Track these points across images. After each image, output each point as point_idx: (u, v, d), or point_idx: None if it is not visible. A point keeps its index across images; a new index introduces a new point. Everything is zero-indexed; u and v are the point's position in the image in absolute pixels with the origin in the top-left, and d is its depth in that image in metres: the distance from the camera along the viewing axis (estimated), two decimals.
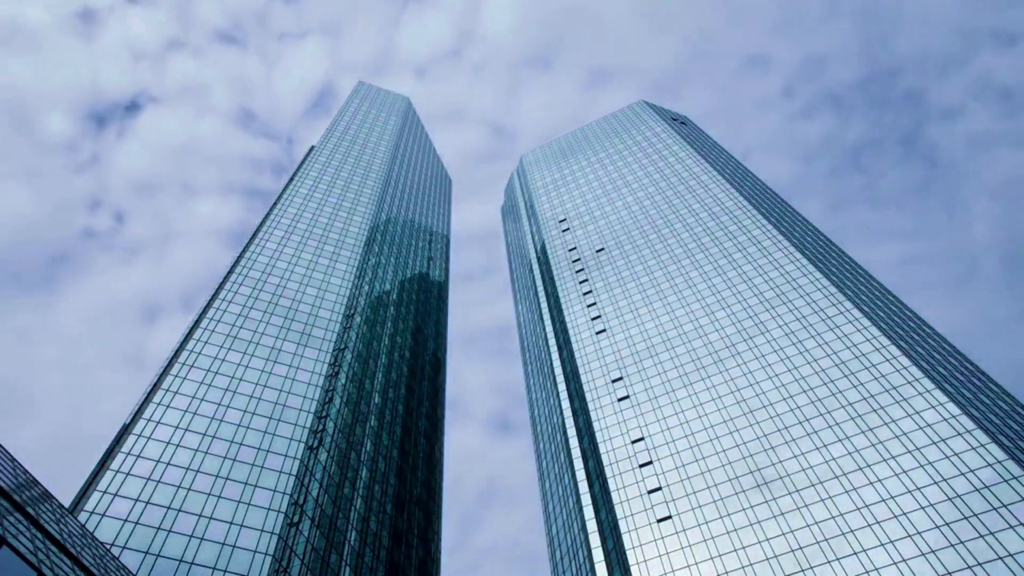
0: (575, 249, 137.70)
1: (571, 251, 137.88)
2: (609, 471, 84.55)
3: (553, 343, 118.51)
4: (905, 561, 60.97)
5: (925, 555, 60.66)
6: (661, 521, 75.46)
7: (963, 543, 60.09)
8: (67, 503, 63.39)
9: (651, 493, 79.23)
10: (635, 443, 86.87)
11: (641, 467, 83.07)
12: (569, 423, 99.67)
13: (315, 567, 65.74)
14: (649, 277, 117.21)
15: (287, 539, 64.06)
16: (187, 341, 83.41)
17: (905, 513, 64.72)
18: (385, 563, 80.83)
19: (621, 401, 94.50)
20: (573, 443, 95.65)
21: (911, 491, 66.30)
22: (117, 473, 63.11)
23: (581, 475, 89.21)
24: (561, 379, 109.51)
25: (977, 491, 63.44)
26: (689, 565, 69.81)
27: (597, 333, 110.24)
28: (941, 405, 72.75)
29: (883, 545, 63.05)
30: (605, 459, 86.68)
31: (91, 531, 52.46)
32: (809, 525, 67.98)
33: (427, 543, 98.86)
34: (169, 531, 59.68)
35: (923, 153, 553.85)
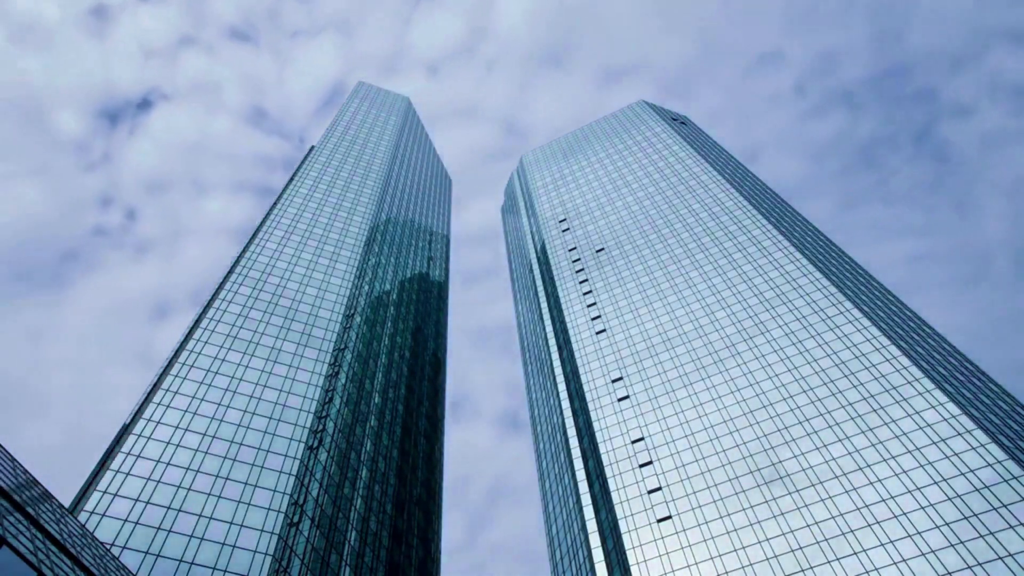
0: (575, 249, 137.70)
1: (571, 251, 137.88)
2: (609, 471, 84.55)
3: (553, 343, 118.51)
4: (905, 561, 60.97)
5: (925, 555, 60.66)
6: (661, 521, 75.46)
7: (963, 543, 60.09)
8: (67, 503, 63.40)
9: (651, 493, 79.23)
10: (635, 443, 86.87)
11: (641, 467, 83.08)
12: (569, 423, 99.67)
13: (315, 567, 65.74)
14: (649, 277, 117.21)
15: (287, 539, 64.06)
16: (187, 341, 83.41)
17: (905, 513, 64.72)
18: (385, 563, 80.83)
19: (621, 401, 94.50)
20: (573, 443, 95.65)
21: (911, 491, 66.31)
22: (117, 473, 63.11)
23: (581, 475, 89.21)
24: (561, 379, 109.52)
25: (977, 491, 63.44)
26: (689, 565, 69.81)
27: (597, 333, 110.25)
28: (941, 405, 72.75)
29: (883, 545, 63.05)
30: (605, 459, 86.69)
31: (91, 531, 52.47)
32: (809, 525, 67.99)
33: (427, 543, 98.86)
34: (169, 531, 59.68)
35: (935, 151, 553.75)
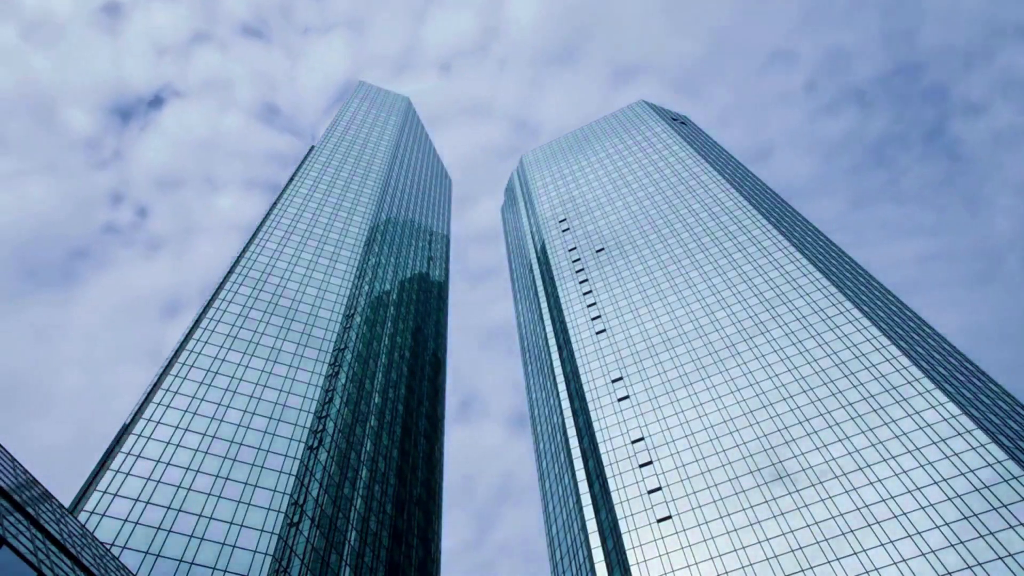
0: (575, 249, 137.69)
1: (571, 251, 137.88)
2: (609, 471, 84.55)
3: (553, 343, 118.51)
4: (905, 561, 60.97)
5: (925, 555, 60.66)
6: (661, 521, 75.46)
7: (963, 543, 60.09)
8: (67, 503, 63.40)
9: (651, 493, 79.23)
10: (635, 443, 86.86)
11: (641, 467, 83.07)
12: (569, 423, 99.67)
13: (315, 567, 65.74)
14: (649, 277, 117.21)
15: (287, 539, 64.07)
16: (187, 341, 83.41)
17: (905, 513, 64.72)
18: (385, 563, 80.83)
19: (621, 401, 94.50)
20: (573, 443, 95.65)
21: (911, 491, 66.31)
22: (117, 473, 63.11)
23: (581, 475, 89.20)
24: (561, 379, 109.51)
25: (977, 491, 63.44)
26: (689, 565, 69.81)
27: (597, 333, 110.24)
28: (941, 405, 72.75)
29: (883, 545, 63.05)
30: (605, 459, 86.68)
31: (91, 531, 52.47)
32: (809, 525, 67.99)
33: (427, 543, 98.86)
34: (169, 531, 59.68)
35: (946, 149, 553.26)
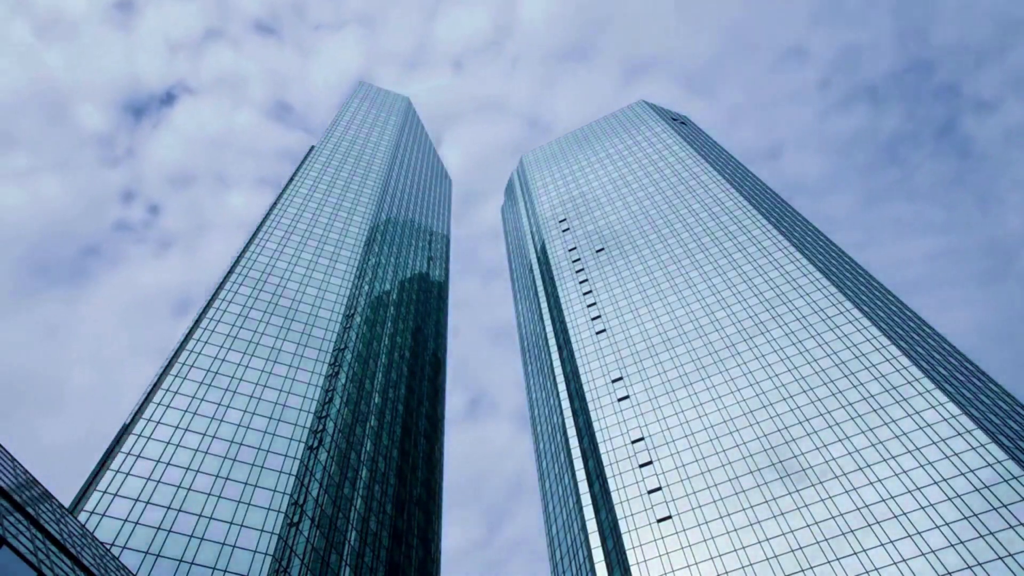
0: (575, 249, 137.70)
1: (571, 251, 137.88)
2: (609, 471, 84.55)
3: (553, 343, 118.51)
4: (905, 561, 60.97)
5: (925, 555, 60.67)
6: (661, 521, 75.46)
7: (963, 543, 60.09)
8: (67, 503, 63.40)
9: (651, 493, 79.23)
10: (635, 443, 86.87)
11: (641, 467, 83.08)
12: (569, 423, 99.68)
13: (315, 567, 65.75)
14: (649, 277, 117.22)
15: (287, 539, 64.07)
16: (187, 341, 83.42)
17: (905, 513, 64.72)
18: (385, 563, 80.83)
19: (621, 401, 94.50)
20: (573, 443, 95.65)
21: (911, 491, 66.31)
22: (117, 473, 63.11)
23: (581, 475, 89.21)
24: (561, 379, 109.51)
25: (977, 491, 63.44)
26: (689, 565, 69.81)
27: (597, 333, 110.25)
28: (941, 405, 72.75)
29: (883, 545, 63.05)
30: (605, 459, 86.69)
31: (91, 531, 52.46)
32: (809, 525, 67.99)
33: (427, 543, 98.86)
34: (169, 531, 59.68)
35: (958, 146, 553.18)
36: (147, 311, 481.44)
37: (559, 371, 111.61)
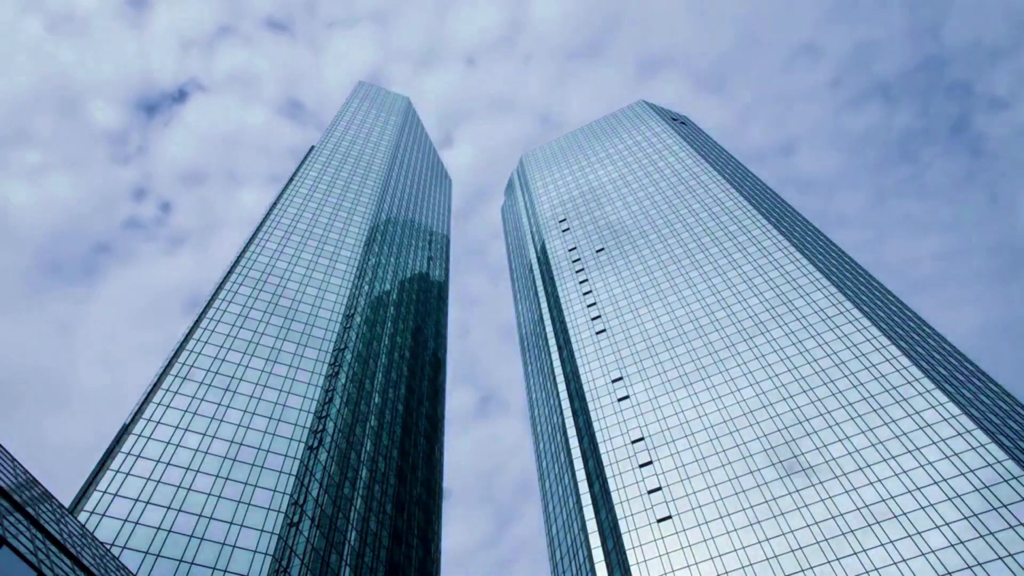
0: (575, 249, 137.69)
1: (571, 251, 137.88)
2: (609, 471, 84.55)
3: (553, 343, 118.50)
4: (905, 561, 60.97)
5: (925, 555, 60.67)
6: (661, 521, 75.46)
7: (963, 543, 60.09)
8: (67, 503, 63.40)
9: (651, 493, 79.23)
10: (635, 443, 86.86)
11: (641, 467, 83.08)
12: (569, 423, 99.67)
13: (315, 567, 65.75)
14: (649, 277, 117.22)
15: (287, 539, 64.07)
16: (187, 341, 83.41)
17: (905, 513, 64.72)
18: (385, 563, 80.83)
19: (621, 401, 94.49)
20: (573, 443, 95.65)
21: (911, 491, 66.31)
22: (117, 473, 63.11)
23: (581, 475, 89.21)
24: (561, 379, 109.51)
25: (977, 491, 63.44)
26: (689, 565, 69.81)
27: (597, 333, 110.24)
28: (941, 405, 72.75)
29: (883, 545, 63.05)
30: (605, 459, 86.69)
31: (91, 531, 52.47)
32: (809, 525, 67.99)
33: (427, 543, 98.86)
34: (169, 531, 59.69)
35: (969, 144, 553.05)
36: (158, 309, 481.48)
37: (559, 371, 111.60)
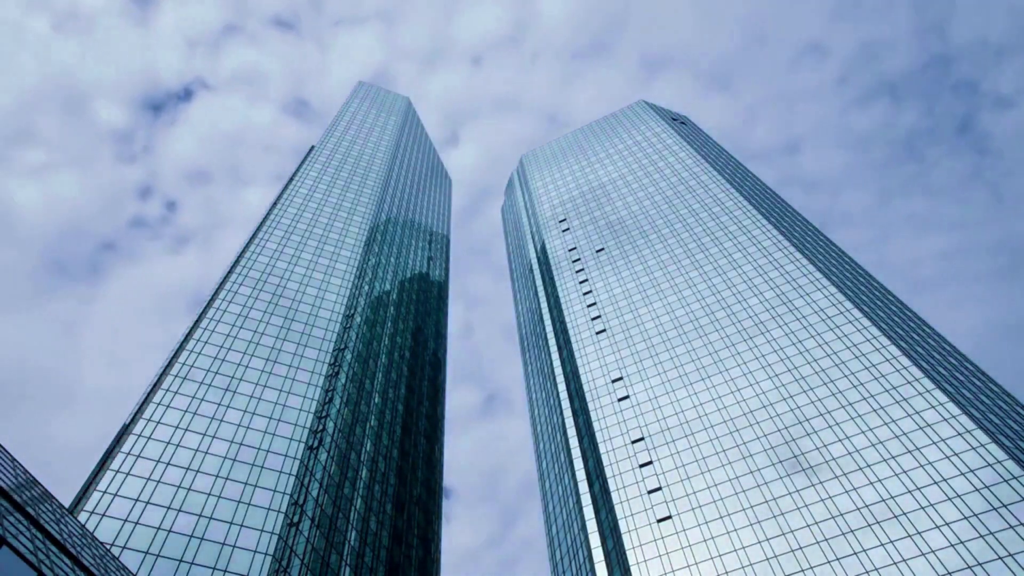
0: (575, 249, 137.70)
1: (571, 251, 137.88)
2: (609, 471, 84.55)
3: (553, 343, 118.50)
4: (905, 561, 60.97)
5: (925, 555, 60.67)
6: (661, 521, 75.46)
7: (963, 543, 60.10)
8: (67, 503, 63.40)
9: (651, 493, 79.23)
10: (635, 443, 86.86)
11: (641, 467, 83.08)
12: (569, 423, 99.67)
13: (315, 567, 65.75)
14: (649, 277, 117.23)
15: (287, 539, 64.07)
16: (187, 341, 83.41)
17: (905, 513, 64.72)
18: (385, 563, 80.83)
19: (621, 401, 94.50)
20: (573, 443, 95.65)
21: (911, 491, 66.30)
22: (117, 473, 63.11)
23: (581, 475, 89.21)
24: (561, 379, 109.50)
25: (977, 491, 63.44)
26: (689, 565, 69.81)
27: (597, 333, 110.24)
28: (941, 405, 72.75)
29: (883, 545, 63.05)
30: (605, 459, 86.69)
31: (91, 531, 52.47)
32: (809, 525, 67.99)
33: (427, 543, 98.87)
34: (169, 531, 59.68)
35: (975, 143, 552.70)
36: (163, 308, 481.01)
37: (559, 371, 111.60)
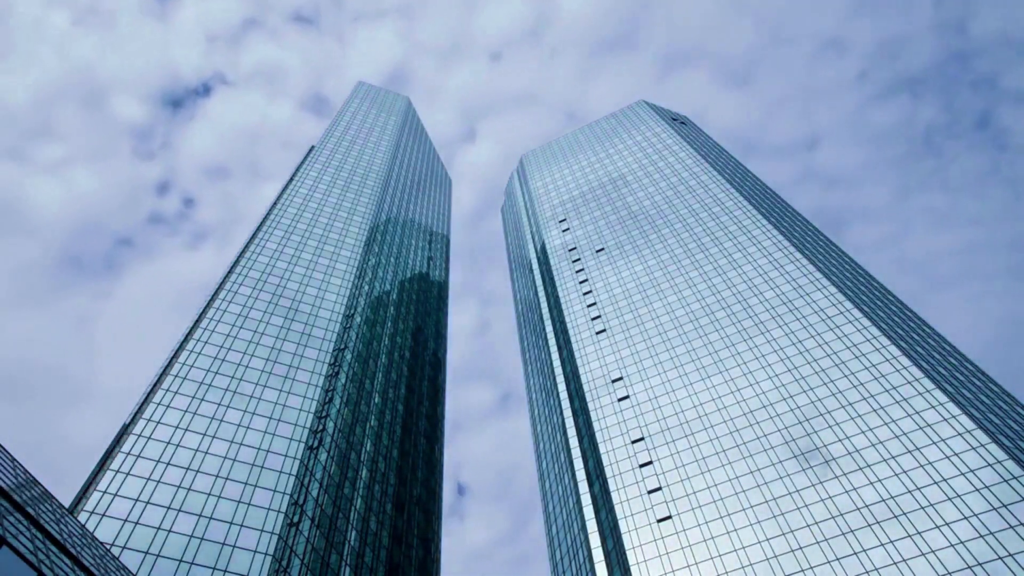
0: (575, 249, 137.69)
1: (571, 251, 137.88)
2: (609, 471, 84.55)
3: (553, 343, 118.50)
4: (905, 561, 60.97)
5: (925, 555, 60.67)
6: (661, 521, 75.46)
7: (963, 543, 60.10)
8: (67, 503, 63.41)
9: (651, 493, 79.23)
10: (635, 443, 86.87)
11: (641, 467, 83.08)
12: (569, 423, 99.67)
13: (315, 567, 65.75)
14: (649, 277, 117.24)
15: (287, 539, 64.07)
16: (187, 341, 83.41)
17: (905, 513, 64.72)
18: (385, 563, 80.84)
19: (621, 401, 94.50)
20: (573, 443, 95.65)
21: (911, 491, 66.31)
22: (117, 473, 63.11)
23: (581, 475, 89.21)
24: (561, 379, 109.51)
25: (977, 491, 63.45)
26: (689, 565, 69.81)
27: (597, 333, 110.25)
28: (941, 405, 72.75)
29: (883, 545, 63.06)
30: (605, 459, 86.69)
31: (91, 531, 52.47)
32: (809, 525, 68.00)
33: (427, 543, 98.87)
34: (169, 531, 59.69)
35: (994, 138, 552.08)
36: (180, 304, 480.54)
37: (559, 371, 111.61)
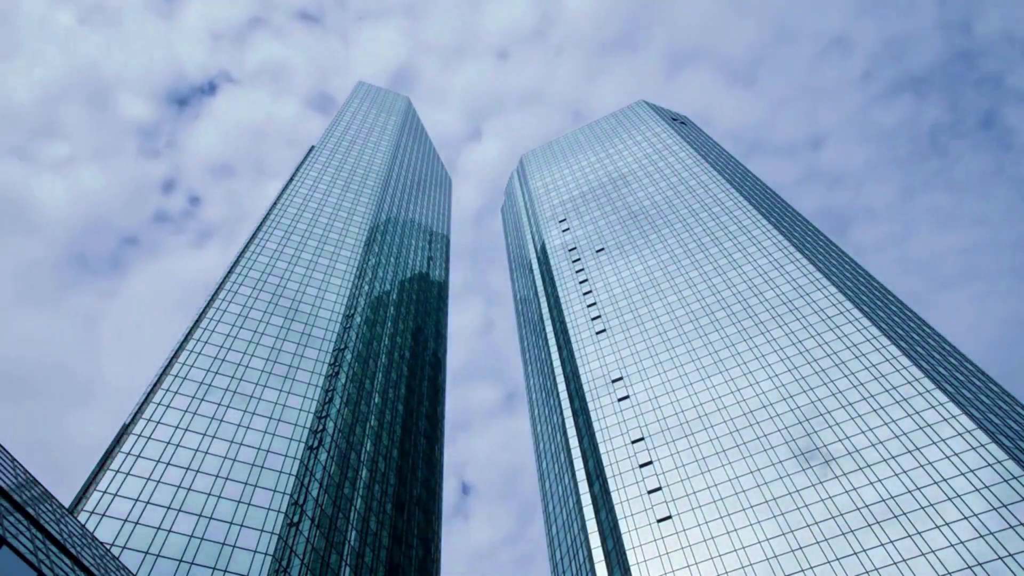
0: (575, 249, 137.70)
1: (571, 251, 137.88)
2: (609, 471, 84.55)
3: (553, 343, 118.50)
4: (905, 561, 60.97)
5: (925, 555, 60.67)
6: (661, 521, 75.46)
7: (963, 543, 60.10)
8: (67, 503, 63.40)
9: (651, 493, 79.24)
10: (635, 443, 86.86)
11: (641, 467, 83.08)
12: (569, 423, 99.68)
13: (315, 567, 65.75)
14: (649, 277, 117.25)
15: (287, 539, 64.07)
16: (187, 341, 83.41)
17: (905, 513, 64.72)
18: (385, 563, 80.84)
19: (621, 401, 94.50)
20: (573, 443, 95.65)
21: (911, 491, 66.31)
22: (117, 473, 63.11)
23: (581, 475, 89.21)
24: (561, 379, 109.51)
25: (977, 491, 63.45)
26: (689, 565, 69.81)
27: (597, 333, 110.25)
28: (941, 405, 72.75)
29: (883, 545, 63.06)
30: (605, 459, 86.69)
31: (91, 531, 52.47)
32: (809, 525, 68.00)
33: (427, 543, 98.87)
34: (169, 531, 59.69)
35: (998, 138, 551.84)
36: (185, 303, 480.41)
37: (559, 371, 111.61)
